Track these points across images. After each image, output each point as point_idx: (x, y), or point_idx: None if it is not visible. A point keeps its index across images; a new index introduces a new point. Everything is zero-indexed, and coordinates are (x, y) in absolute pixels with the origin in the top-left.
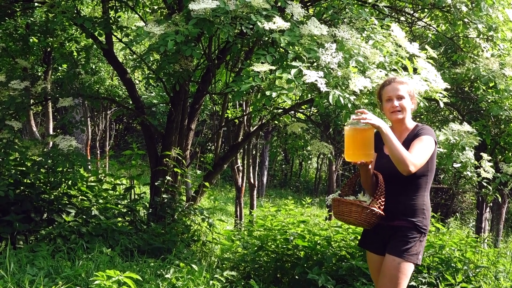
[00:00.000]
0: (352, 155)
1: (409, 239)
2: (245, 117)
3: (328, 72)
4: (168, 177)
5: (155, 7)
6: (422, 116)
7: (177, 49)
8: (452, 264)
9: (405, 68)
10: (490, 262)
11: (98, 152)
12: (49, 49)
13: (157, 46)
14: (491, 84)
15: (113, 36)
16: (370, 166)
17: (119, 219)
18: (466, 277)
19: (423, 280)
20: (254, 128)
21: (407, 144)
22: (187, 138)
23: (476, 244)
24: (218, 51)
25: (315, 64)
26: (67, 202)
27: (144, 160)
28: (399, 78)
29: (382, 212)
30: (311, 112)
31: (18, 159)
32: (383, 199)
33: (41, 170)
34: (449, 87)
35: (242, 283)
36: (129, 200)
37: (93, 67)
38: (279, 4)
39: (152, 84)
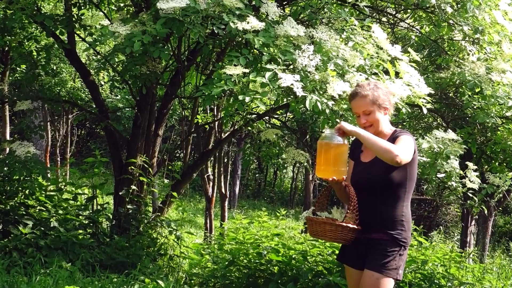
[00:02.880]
0: (324, 171)
1: (387, 253)
2: (216, 123)
3: (305, 76)
4: (133, 187)
5: (121, 5)
6: (404, 123)
7: (144, 50)
8: (435, 281)
9: (386, 72)
10: (476, 278)
11: (58, 159)
12: (6, 49)
13: (123, 46)
14: (477, 90)
15: (75, 35)
16: (343, 182)
17: (80, 231)
18: None
19: None
20: (226, 134)
21: None
22: (154, 144)
23: (461, 259)
24: (188, 52)
25: (291, 67)
26: (24, 212)
27: (108, 168)
28: (360, 90)
29: (358, 227)
30: (287, 118)
31: None
32: (357, 213)
33: None
34: (433, 92)
35: None
36: (91, 211)
37: (54, 68)
38: (253, 2)
39: (117, 86)
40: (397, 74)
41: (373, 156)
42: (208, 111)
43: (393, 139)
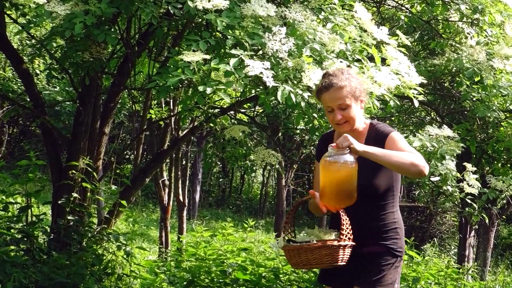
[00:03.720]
0: (331, 199)
1: (382, 267)
2: (173, 119)
3: (276, 63)
4: (74, 194)
5: None
6: (392, 118)
7: (87, 33)
8: None
9: (371, 58)
10: None
11: None
12: None
13: (62, 29)
14: (476, 79)
15: (5, 16)
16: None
17: (12, 247)
18: None
19: None
20: (184, 132)
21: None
22: (99, 144)
23: (458, 276)
24: (138, 36)
25: (260, 52)
26: None
27: (45, 173)
28: (335, 80)
29: (353, 243)
30: (256, 113)
31: None
32: (350, 226)
33: None
34: (425, 82)
35: None
36: (25, 223)
37: None
38: None
39: (56, 76)
40: (383, 60)
41: None
42: (163, 105)
43: (375, 140)
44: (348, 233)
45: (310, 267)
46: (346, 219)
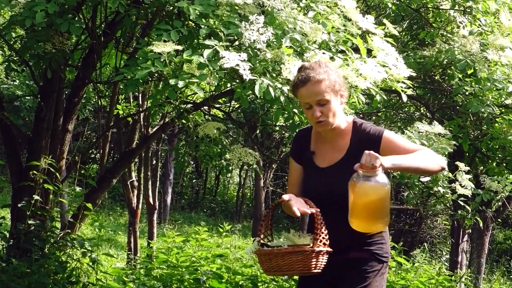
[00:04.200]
0: (368, 223)
1: (367, 274)
2: (142, 115)
3: (253, 54)
4: (36, 196)
5: None
6: (379, 113)
7: (49, 23)
8: None
9: (356, 49)
10: None
11: None
12: None
13: (22, 18)
14: (469, 71)
15: None
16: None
17: None
18: None
19: None
20: (154, 129)
21: (355, 152)
22: (62, 143)
23: (450, 284)
24: (105, 25)
25: (236, 43)
26: None
27: (3, 173)
28: (313, 73)
29: (330, 249)
30: (231, 108)
31: None
32: (326, 232)
33: None
34: (414, 74)
35: None
36: None
37: None
38: None
39: (15, 69)
40: (369, 52)
41: (331, 160)
42: (131, 100)
43: (365, 138)
44: (323, 238)
45: (282, 273)
46: (321, 223)
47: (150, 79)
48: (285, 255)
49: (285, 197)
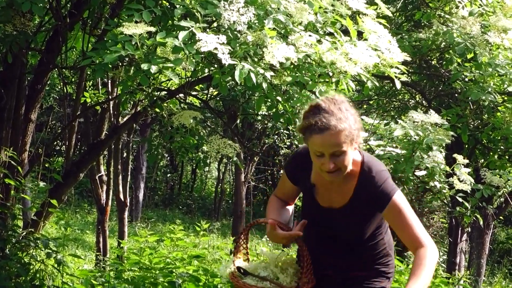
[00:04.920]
0: None
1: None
2: (112, 103)
3: (233, 37)
4: None
5: None
6: (371, 101)
7: (9, 2)
8: None
9: (345, 31)
10: None
11: None
12: None
13: None
14: (469, 56)
15: None
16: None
17: None
18: None
19: None
20: (125, 119)
21: (358, 204)
22: (24, 133)
23: (448, 287)
24: (71, 5)
25: (214, 24)
26: None
27: None
28: (334, 122)
29: (314, 281)
30: (209, 96)
31: None
32: (312, 271)
33: None
34: (409, 59)
35: None
36: None
37: None
38: None
39: None
40: (360, 34)
41: (332, 202)
42: (100, 87)
43: (371, 193)
44: (310, 273)
45: None
46: (310, 264)
47: (120, 63)
48: None
49: (274, 223)
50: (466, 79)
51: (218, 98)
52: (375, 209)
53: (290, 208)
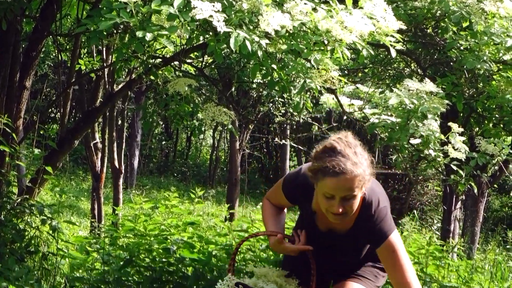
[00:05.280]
0: None
1: (368, 272)
2: (107, 71)
3: (228, 4)
4: None
5: None
6: (366, 70)
7: None
8: None
9: (341, 0)
10: (462, 280)
11: None
12: None
13: None
14: (464, 24)
15: None
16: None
17: None
18: None
19: None
20: (120, 86)
21: (356, 235)
22: (19, 100)
23: (442, 254)
24: None
25: None
26: None
27: None
28: (350, 167)
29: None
30: (204, 63)
31: None
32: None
33: None
34: (404, 27)
35: None
36: None
37: None
38: None
39: None
40: (355, 2)
41: (331, 229)
42: (95, 54)
43: (368, 230)
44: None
45: None
46: (315, 271)
47: (115, 31)
48: None
49: (282, 237)
50: (462, 48)
51: (213, 66)
52: (371, 244)
53: (284, 212)
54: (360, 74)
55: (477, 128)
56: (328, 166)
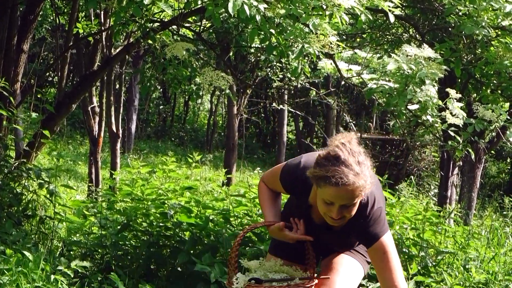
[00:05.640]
0: None
1: (365, 249)
2: (104, 34)
3: None
4: None
5: None
6: (364, 35)
7: None
8: (404, 249)
9: None
10: (458, 246)
11: None
12: None
13: None
14: None
15: None
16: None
17: None
18: (424, 267)
19: None
20: (118, 50)
21: (349, 231)
22: (16, 64)
23: (439, 220)
24: None
25: None
26: None
27: None
28: (352, 178)
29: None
30: (202, 28)
31: None
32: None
33: None
34: None
35: (99, 278)
36: None
37: None
38: None
39: None
40: None
41: (326, 224)
42: (93, 18)
43: (360, 229)
44: (313, 265)
45: None
46: (314, 256)
47: None
48: None
49: (284, 225)
50: (460, 13)
51: (211, 30)
52: (363, 243)
53: (281, 196)
54: (358, 39)
55: (475, 94)
56: (330, 175)
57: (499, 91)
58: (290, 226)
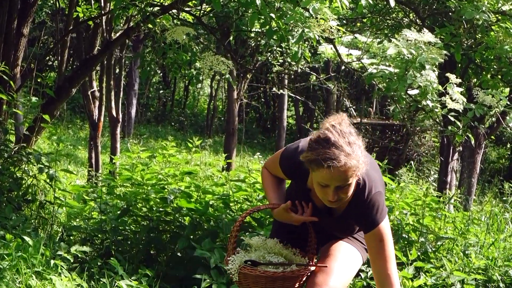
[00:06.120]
0: None
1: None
2: (104, 18)
3: None
4: None
5: None
6: (364, 20)
7: None
8: (404, 235)
9: None
10: (458, 231)
11: None
12: None
13: None
14: None
15: None
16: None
17: None
18: (423, 252)
19: None
20: (118, 34)
21: (349, 217)
22: (16, 48)
23: (438, 205)
24: None
25: None
26: None
27: None
28: (343, 159)
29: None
30: (203, 12)
31: None
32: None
33: None
34: None
35: (99, 263)
36: None
37: None
38: None
39: None
40: None
41: (326, 209)
42: (93, 2)
43: (359, 214)
44: (314, 251)
45: None
46: (315, 240)
47: None
48: (290, 280)
49: (290, 204)
50: None
51: (211, 15)
52: (361, 228)
53: (284, 181)
54: (358, 24)
55: (475, 79)
56: (321, 158)
57: (499, 76)
58: (295, 210)
